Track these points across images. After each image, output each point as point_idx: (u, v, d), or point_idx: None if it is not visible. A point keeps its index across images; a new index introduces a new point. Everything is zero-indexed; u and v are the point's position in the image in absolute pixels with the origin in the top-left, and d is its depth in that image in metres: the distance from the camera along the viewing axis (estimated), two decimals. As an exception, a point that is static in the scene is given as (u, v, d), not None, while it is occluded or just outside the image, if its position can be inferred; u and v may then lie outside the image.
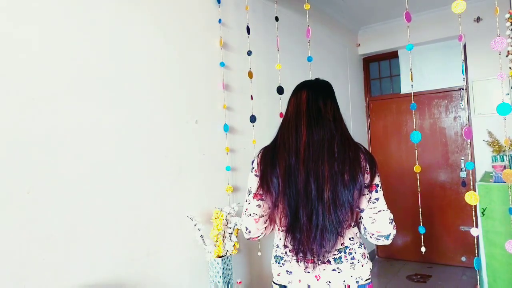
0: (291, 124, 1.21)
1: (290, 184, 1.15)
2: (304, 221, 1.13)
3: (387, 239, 1.22)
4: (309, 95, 1.23)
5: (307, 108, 1.21)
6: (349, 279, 1.21)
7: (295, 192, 1.14)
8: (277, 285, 1.28)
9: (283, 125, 1.25)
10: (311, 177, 1.13)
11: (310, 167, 1.13)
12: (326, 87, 1.29)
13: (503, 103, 1.40)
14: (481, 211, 2.57)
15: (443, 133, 4.02)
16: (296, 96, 1.27)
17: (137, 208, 1.74)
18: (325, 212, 1.12)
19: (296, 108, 1.23)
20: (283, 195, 1.16)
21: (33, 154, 1.37)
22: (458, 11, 1.44)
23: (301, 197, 1.14)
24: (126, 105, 1.73)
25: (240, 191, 2.38)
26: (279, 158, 1.18)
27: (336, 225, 1.13)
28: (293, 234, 1.17)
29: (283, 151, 1.18)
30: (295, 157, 1.16)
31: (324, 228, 1.13)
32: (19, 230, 1.31)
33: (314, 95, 1.23)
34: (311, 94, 1.24)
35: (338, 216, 1.13)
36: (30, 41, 1.39)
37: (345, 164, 1.13)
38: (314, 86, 1.28)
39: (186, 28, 2.10)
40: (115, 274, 1.62)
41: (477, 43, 3.53)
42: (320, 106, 1.21)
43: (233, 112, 2.39)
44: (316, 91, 1.25)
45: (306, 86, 1.27)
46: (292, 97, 1.29)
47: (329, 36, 3.75)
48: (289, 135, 1.19)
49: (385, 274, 3.88)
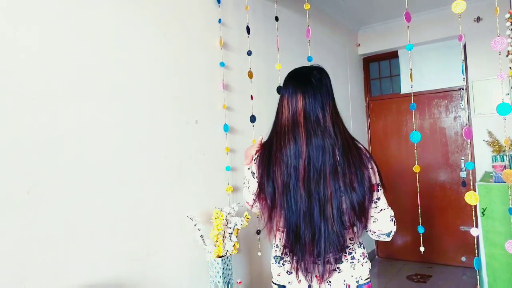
0: (288, 135, 1.15)
1: (289, 200, 1.13)
2: (307, 242, 1.13)
3: (388, 236, 1.23)
4: (306, 103, 1.15)
5: (305, 118, 1.14)
6: (350, 279, 1.21)
7: (294, 209, 1.13)
8: (277, 285, 1.28)
9: (280, 131, 1.18)
10: (313, 197, 1.11)
11: (311, 187, 1.11)
12: (322, 85, 1.19)
13: (503, 103, 1.40)
14: (481, 211, 2.57)
15: (443, 133, 4.02)
16: (291, 100, 1.17)
17: (137, 208, 1.74)
18: (328, 231, 1.11)
19: (292, 116, 1.16)
20: (280, 209, 1.16)
21: (33, 154, 1.37)
22: (458, 11, 1.44)
23: (302, 216, 1.12)
24: (126, 105, 1.73)
25: (240, 191, 2.38)
26: (276, 171, 1.15)
27: (341, 241, 1.13)
28: (294, 253, 1.17)
29: (281, 163, 1.14)
30: (294, 173, 1.12)
31: (328, 247, 1.12)
32: (19, 230, 1.31)
33: (311, 101, 1.15)
34: (308, 101, 1.15)
35: (342, 233, 1.12)
36: (30, 41, 1.39)
37: (351, 174, 1.11)
38: (309, 87, 1.17)
39: (186, 28, 2.10)
40: (115, 274, 1.62)
41: (477, 43, 3.53)
42: (319, 115, 1.14)
43: (233, 112, 2.39)
44: (313, 95, 1.16)
45: (300, 88, 1.17)
46: (285, 99, 1.19)
47: (329, 36, 3.75)
48: (287, 147, 1.14)
49: (385, 274, 3.88)
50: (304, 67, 1.27)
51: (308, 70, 1.24)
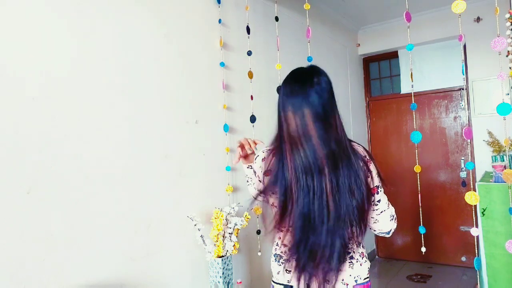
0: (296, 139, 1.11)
1: (296, 204, 1.13)
2: (312, 249, 1.13)
3: (388, 234, 1.28)
4: (314, 118, 1.11)
5: (315, 127, 1.10)
6: (348, 278, 1.22)
7: (298, 214, 1.13)
8: (277, 284, 1.29)
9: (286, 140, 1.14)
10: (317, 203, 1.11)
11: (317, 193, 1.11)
12: (326, 92, 1.16)
13: (503, 103, 1.40)
14: (481, 211, 2.57)
15: (443, 133, 4.02)
16: (298, 115, 1.12)
17: (137, 208, 1.74)
18: (331, 240, 1.11)
19: (302, 128, 1.12)
20: (290, 213, 1.15)
21: (33, 154, 1.37)
22: (458, 11, 1.44)
23: (308, 222, 1.12)
24: (126, 105, 1.73)
25: (240, 191, 2.38)
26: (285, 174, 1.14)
27: (342, 251, 1.13)
28: (298, 258, 1.17)
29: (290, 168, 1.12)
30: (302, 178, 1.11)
31: (333, 253, 1.12)
32: (19, 230, 1.31)
33: (319, 115, 1.11)
34: (315, 115, 1.11)
35: (342, 243, 1.13)
36: (30, 40, 1.39)
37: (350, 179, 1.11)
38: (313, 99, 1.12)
39: (186, 28, 2.10)
40: (115, 274, 1.62)
41: (477, 43, 3.53)
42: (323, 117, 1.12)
43: (233, 112, 2.39)
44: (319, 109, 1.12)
45: (305, 102, 1.12)
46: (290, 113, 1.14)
47: (329, 36, 3.75)
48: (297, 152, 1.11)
49: (385, 274, 3.88)
50: (302, 72, 1.22)
51: (306, 76, 1.19)
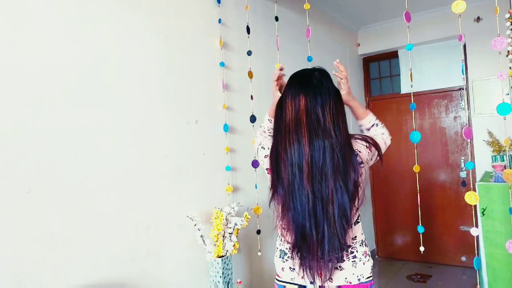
0: (292, 134, 1.17)
1: (294, 200, 1.15)
2: (312, 242, 1.15)
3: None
4: (307, 103, 1.17)
5: (307, 118, 1.16)
6: (351, 277, 1.23)
7: (299, 209, 1.15)
8: (280, 281, 1.30)
9: (283, 131, 1.21)
10: (316, 197, 1.13)
11: (314, 186, 1.14)
12: (323, 86, 1.21)
13: (503, 103, 1.40)
14: (481, 211, 2.57)
15: (443, 133, 4.02)
16: (294, 101, 1.20)
17: (137, 208, 1.74)
18: (331, 229, 1.13)
19: (295, 116, 1.18)
20: (287, 210, 1.17)
21: (33, 154, 1.37)
22: (458, 11, 1.44)
23: (307, 216, 1.14)
24: (126, 105, 1.73)
25: (240, 191, 2.38)
26: (282, 171, 1.18)
27: (341, 241, 1.15)
28: (301, 253, 1.19)
29: (285, 162, 1.17)
30: (298, 173, 1.14)
31: (330, 247, 1.14)
32: (19, 230, 1.31)
33: (312, 101, 1.17)
34: (309, 100, 1.18)
35: (343, 233, 1.15)
36: (30, 41, 1.39)
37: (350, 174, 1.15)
38: (310, 88, 1.20)
39: (186, 28, 2.10)
40: (115, 274, 1.62)
41: (477, 43, 3.53)
42: (319, 115, 1.16)
43: (233, 112, 2.39)
44: (314, 95, 1.18)
45: (303, 90, 1.20)
46: (288, 100, 1.22)
47: (329, 36, 3.75)
48: (291, 146, 1.16)
49: (385, 274, 3.88)
50: (306, 69, 1.30)
51: (310, 71, 1.27)
